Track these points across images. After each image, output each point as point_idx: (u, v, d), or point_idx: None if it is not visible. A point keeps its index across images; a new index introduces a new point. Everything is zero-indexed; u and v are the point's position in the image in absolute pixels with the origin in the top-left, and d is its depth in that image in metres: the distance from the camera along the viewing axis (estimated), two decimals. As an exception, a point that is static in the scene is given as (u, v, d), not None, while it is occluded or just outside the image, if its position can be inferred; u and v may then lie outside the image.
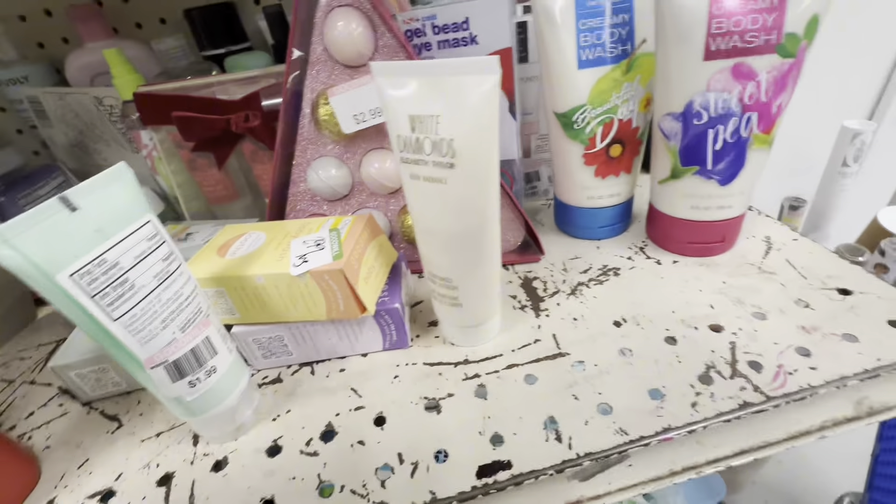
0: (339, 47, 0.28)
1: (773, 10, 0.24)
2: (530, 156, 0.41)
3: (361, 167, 0.32)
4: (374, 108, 0.29)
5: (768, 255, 0.32)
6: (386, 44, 0.29)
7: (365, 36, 0.28)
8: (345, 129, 0.30)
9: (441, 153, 0.21)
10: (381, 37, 0.29)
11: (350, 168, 0.33)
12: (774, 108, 0.27)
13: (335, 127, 0.30)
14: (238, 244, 0.28)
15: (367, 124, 0.29)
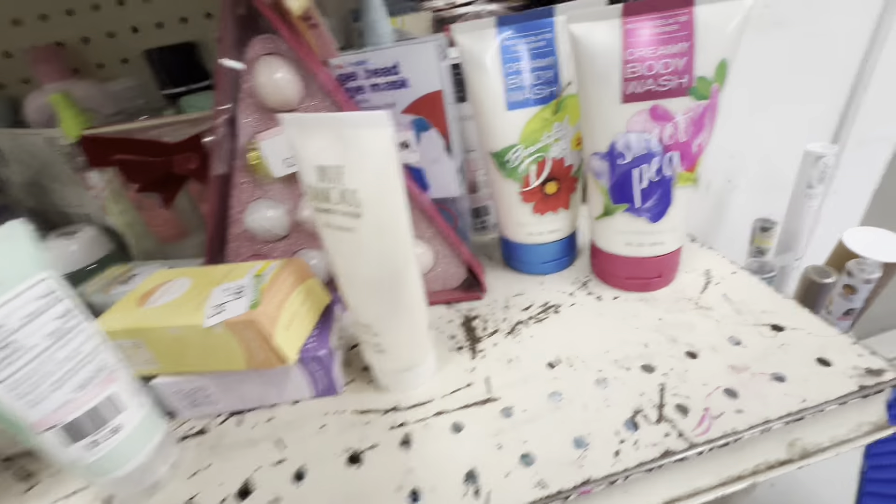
0: (267, 95, 0.28)
1: (683, 56, 0.25)
2: (477, 191, 0.41)
3: (298, 208, 0.32)
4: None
5: (706, 289, 0.32)
6: (315, 90, 0.29)
7: (292, 83, 0.28)
8: (275, 173, 0.30)
9: (348, 203, 0.21)
10: (309, 83, 0.29)
11: (287, 209, 0.33)
12: (695, 148, 0.27)
13: (266, 171, 0.30)
14: (160, 292, 0.27)
15: (297, 168, 0.29)
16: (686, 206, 0.29)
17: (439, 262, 0.34)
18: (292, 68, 0.28)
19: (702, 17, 0.24)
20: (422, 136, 0.33)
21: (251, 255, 0.35)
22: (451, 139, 0.33)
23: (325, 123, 0.20)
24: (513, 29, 0.29)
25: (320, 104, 0.30)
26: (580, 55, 0.27)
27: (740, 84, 0.86)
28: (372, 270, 0.23)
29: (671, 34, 0.25)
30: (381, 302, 0.24)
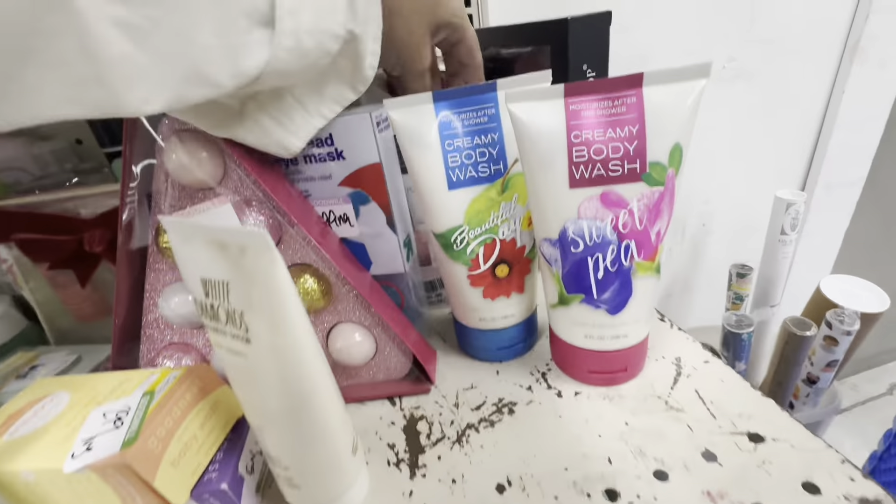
0: (181, 174, 0.25)
1: (633, 140, 0.23)
2: (430, 263, 0.37)
3: None
4: None
5: (677, 383, 0.28)
6: (234, 169, 0.26)
7: (210, 162, 0.25)
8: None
9: (236, 325, 0.17)
10: (229, 161, 0.26)
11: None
12: (653, 236, 0.24)
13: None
14: (30, 413, 0.23)
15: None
16: (649, 296, 0.26)
17: (382, 349, 0.30)
18: (208, 145, 0.25)
19: (651, 99, 0.22)
20: (361, 210, 0.30)
21: (167, 344, 0.31)
22: (394, 213, 0.30)
23: (207, 233, 0.17)
24: (451, 104, 0.26)
25: (241, 183, 0.26)
26: (522, 137, 0.24)
27: (710, 131, 0.87)
28: (271, 401, 0.19)
29: (619, 116, 0.23)
30: (286, 434, 0.20)
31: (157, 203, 0.27)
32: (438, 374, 0.32)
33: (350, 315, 0.29)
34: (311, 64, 0.20)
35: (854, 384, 1.40)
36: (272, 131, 0.23)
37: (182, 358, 0.30)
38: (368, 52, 0.23)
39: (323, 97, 0.24)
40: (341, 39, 0.21)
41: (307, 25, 0.19)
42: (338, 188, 0.29)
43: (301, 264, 0.28)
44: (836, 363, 0.73)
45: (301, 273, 0.27)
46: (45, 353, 0.36)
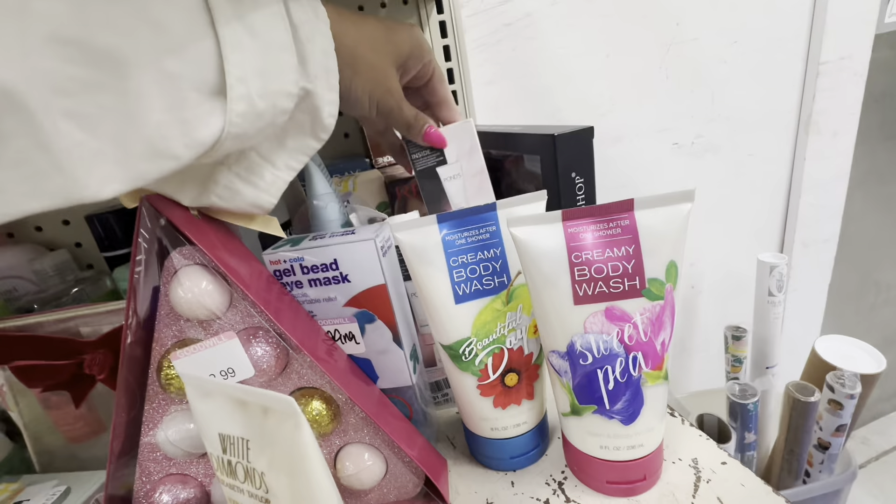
0: (186, 307, 0.25)
1: (631, 258, 0.24)
2: (435, 364, 0.37)
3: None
4: (226, 369, 0.25)
5: (698, 490, 0.28)
6: (239, 299, 0.27)
7: (215, 294, 0.26)
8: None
9: (255, 484, 0.17)
10: (235, 291, 0.27)
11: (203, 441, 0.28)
12: (658, 346, 0.25)
13: (183, 390, 0.26)
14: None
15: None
16: (661, 403, 0.26)
17: (392, 469, 0.29)
18: (213, 277, 0.26)
19: (643, 221, 0.24)
20: (367, 329, 0.30)
21: (166, 475, 0.29)
22: (400, 329, 0.30)
23: (228, 390, 0.17)
24: (453, 224, 0.28)
25: (246, 313, 0.27)
26: (525, 258, 0.25)
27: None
28: (288, 563, 0.18)
29: (615, 237, 0.24)
30: None
31: (160, 334, 0.27)
32: (451, 487, 0.31)
33: (358, 436, 0.28)
34: (267, 123, 0.21)
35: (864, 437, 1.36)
36: (243, 192, 0.24)
37: (180, 491, 0.28)
38: (325, 102, 0.23)
39: (288, 150, 0.24)
40: (295, 97, 0.21)
41: (258, 89, 0.19)
42: (343, 308, 0.30)
43: (308, 388, 0.27)
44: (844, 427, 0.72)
45: (309, 397, 0.27)
46: (29, 483, 0.33)
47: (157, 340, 0.27)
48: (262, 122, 0.21)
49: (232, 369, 0.26)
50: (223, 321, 0.26)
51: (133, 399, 0.28)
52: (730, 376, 0.85)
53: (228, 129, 0.19)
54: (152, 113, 0.17)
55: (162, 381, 0.27)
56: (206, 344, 0.25)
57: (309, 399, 0.27)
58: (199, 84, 0.18)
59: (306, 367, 0.27)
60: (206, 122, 0.19)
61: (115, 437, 0.28)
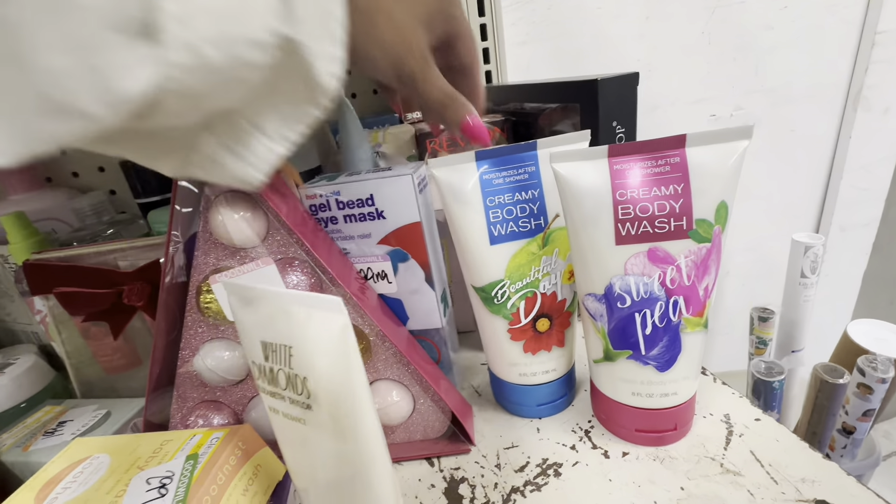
0: (225, 233, 0.26)
1: (679, 198, 0.23)
2: (463, 314, 0.37)
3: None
4: None
5: (730, 443, 0.27)
6: (278, 227, 0.27)
7: (253, 222, 0.26)
8: (230, 316, 0.26)
9: (296, 390, 0.17)
10: (273, 220, 0.27)
11: (244, 351, 0.29)
12: (701, 291, 0.24)
13: (220, 314, 0.27)
14: (70, 478, 0.22)
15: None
16: (699, 352, 0.26)
17: (419, 407, 0.29)
18: (252, 206, 0.26)
19: (695, 159, 0.23)
20: (400, 267, 0.30)
21: (201, 401, 0.30)
22: (432, 269, 0.30)
23: (271, 295, 0.17)
24: (492, 162, 0.27)
25: (283, 242, 0.27)
26: (567, 195, 0.25)
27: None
28: (327, 468, 0.18)
29: (664, 175, 0.23)
30: (338, 501, 0.19)
31: (199, 261, 0.28)
32: (476, 431, 0.31)
33: (388, 372, 0.29)
34: (232, 80, 0.17)
35: (886, 431, 1.33)
36: (229, 165, 0.19)
37: (214, 416, 0.29)
38: (320, 56, 0.18)
39: (282, 117, 0.19)
40: (271, 47, 0.16)
41: (207, 34, 0.15)
42: (377, 246, 0.29)
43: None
44: (872, 412, 0.70)
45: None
46: (72, 406, 0.35)
47: (196, 267, 0.27)
48: (221, 77, 0.16)
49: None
50: (259, 249, 0.27)
51: (172, 325, 0.29)
52: (753, 358, 0.83)
53: (167, 84, 0.15)
54: (46, 54, 0.13)
55: (201, 306, 0.27)
56: (244, 269, 0.25)
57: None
58: (117, 20, 0.13)
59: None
60: (130, 72, 0.14)
61: (154, 363, 0.29)
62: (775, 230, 0.98)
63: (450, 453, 0.29)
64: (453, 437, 0.30)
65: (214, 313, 0.27)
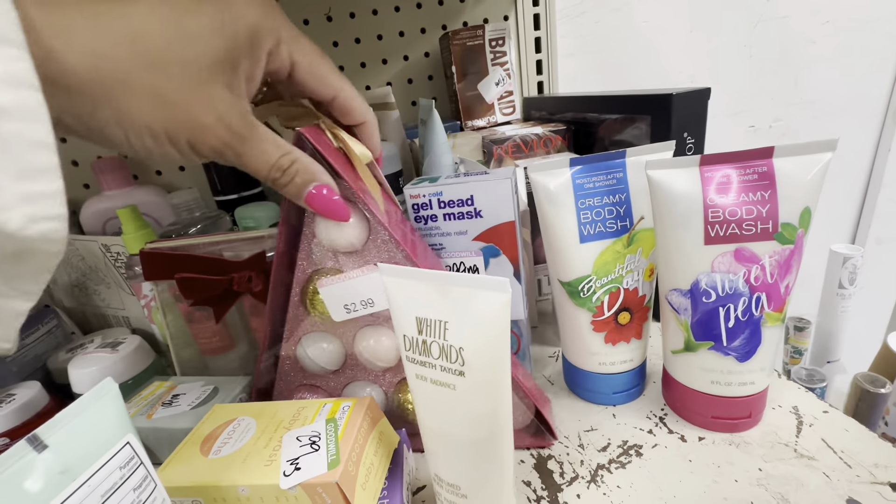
0: (328, 239, 0.28)
1: (766, 203, 0.25)
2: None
3: (355, 343, 0.31)
4: (366, 300, 0.28)
5: (801, 432, 0.29)
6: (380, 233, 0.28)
7: (356, 228, 0.27)
8: (335, 317, 0.29)
9: (450, 359, 0.20)
10: (375, 225, 0.28)
11: (343, 342, 0.31)
12: (783, 289, 0.27)
13: (325, 313, 0.30)
14: (225, 435, 0.25)
15: (357, 314, 0.29)
16: (775, 345, 0.28)
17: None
18: (356, 211, 0.27)
19: (781, 168, 0.25)
20: (491, 262, 0.33)
21: (300, 384, 0.33)
22: (521, 265, 0.33)
23: (429, 277, 0.20)
24: (584, 168, 0.30)
25: (383, 246, 0.28)
26: (659, 199, 0.27)
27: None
28: (469, 430, 0.21)
29: (751, 182, 0.26)
30: (474, 462, 0.22)
31: (302, 261, 0.30)
32: (555, 416, 0.34)
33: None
34: None
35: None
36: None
37: (312, 398, 0.32)
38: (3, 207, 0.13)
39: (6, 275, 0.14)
40: None
41: None
42: (472, 242, 0.32)
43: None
44: (912, 423, 0.70)
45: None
46: (179, 382, 0.39)
47: (300, 268, 0.30)
48: None
49: (371, 300, 0.28)
50: (360, 253, 0.29)
51: (276, 315, 0.32)
52: (787, 367, 0.84)
53: None
54: None
55: (307, 305, 0.30)
56: (351, 275, 0.28)
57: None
58: None
59: None
60: None
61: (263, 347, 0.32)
62: (811, 241, 0.98)
63: (533, 446, 0.31)
64: (536, 431, 0.32)
65: (320, 313, 0.30)
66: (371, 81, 0.61)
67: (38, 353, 0.45)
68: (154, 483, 0.19)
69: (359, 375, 0.32)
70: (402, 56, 0.61)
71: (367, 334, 0.30)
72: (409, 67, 0.61)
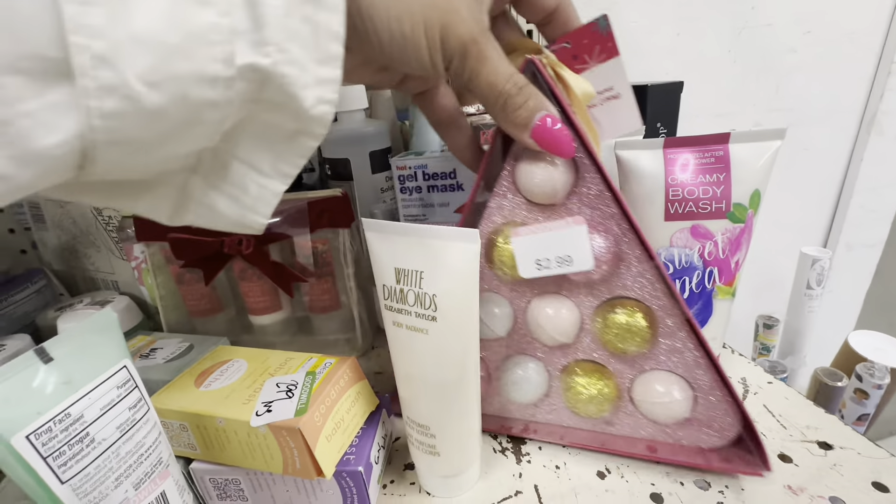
0: (533, 185, 0.24)
1: (720, 185, 0.28)
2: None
3: (529, 311, 0.28)
4: (563, 256, 0.24)
5: (745, 399, 0.32)
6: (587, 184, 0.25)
7: (565, 175, 0.24)
8: (522, 272, 0.25)
9: (424, 306, 0.22)
10: (581, 178, 0.25)
11: (513, 309, 0.28)
12: (733, 265, 0.29)
13: (510, 268, 0.26)
14: (218, 373, 0.27)
15: (549, 272, 0.25)
16: (725, 317, 0.31)
17: (701, 409, 0.26)
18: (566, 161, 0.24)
19: (736, 152, 0.28)
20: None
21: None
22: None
23: (408, 231, 0.22)
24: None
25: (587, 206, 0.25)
26: (629, 176, 0.30)
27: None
28: (440, 372, 0.23)
29: (708, 165, 0.28)
30: (443, 404, 0.24)
31: (490, 211, 0.27)
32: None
33: (668, 363, 0.26)
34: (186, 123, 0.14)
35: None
36: (224, 210, 0.17)
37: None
38: (304, 85, 0.15)
39: (277, 154, 0.17)
40: (234, 81, 0.14)
41: (142, 73, 0.12)
42: (453, 214, 0.34)
43: (631, 299, 0.26)
44: (867, 417, 0.74)
45: (632, 309, 0.25)
46: (160, 338, 0.40)
47: (488, 218, 0.27)
48: (169, 122, 0.13)
49: (570, 257, 0.24)
50: (558, 208, 0.25)
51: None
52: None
53: (90, 134, 0.12)
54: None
55: (491, 258, 0.27)
56: (552, 226, 0.24)
57: (632, 310, 0.25)
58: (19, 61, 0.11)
59: (631, 275, 0.25)
60: (41, 123, 0.12)
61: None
62: (784, 244, 1.03)
63: (731, 471, 0.26)
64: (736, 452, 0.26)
65: (502, 268, 0.26)
66: (366, 64, 0.62)
67: (26, 311, 0.46)
68: (147, 406, 0.21)
69: (523, 348, 0.29)
70: (398, 41, 0.62)
71: (545, 303, 0.27)
72: (403, 52, 0.63)
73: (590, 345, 0.27)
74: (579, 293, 0.27)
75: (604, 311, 0.26)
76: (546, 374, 0.29)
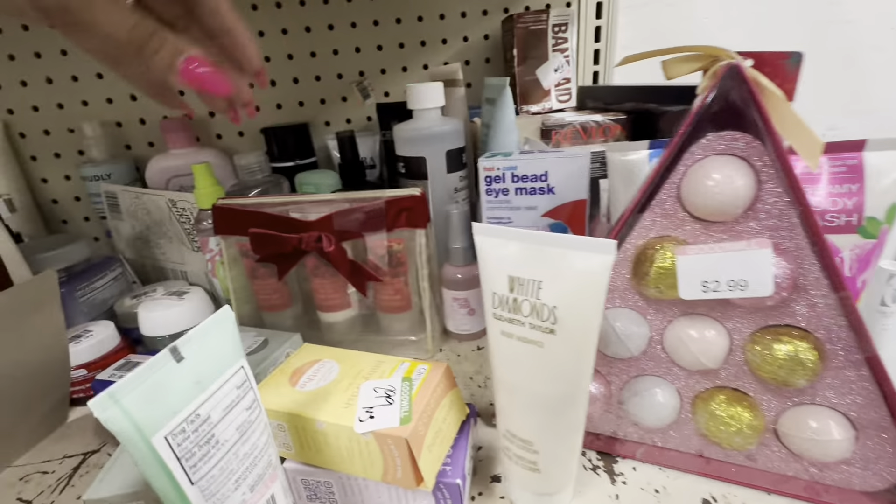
0: (702, 200, 0.23)
1: (853, 196, 0.25)
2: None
3: (671, 330, 0.26)
4: (738, 280, 0.22)
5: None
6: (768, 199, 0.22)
7: (744, 191, 0.22)
8: (684, 293, 0.23)
9: (541, 317, 0.21)
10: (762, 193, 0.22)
11: (650, 329, 0.27)
12: (859, 283, 0.27)
13: (667, 287, 0.24)
14: (311, 373, 0.27)
15: (716, 295, 0.23)
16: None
17: (864, 451, 0.23)
18: (749, 173, 0.22)
19: (872, 161, 0.25)
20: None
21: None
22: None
23: (526, 237, 0.21)
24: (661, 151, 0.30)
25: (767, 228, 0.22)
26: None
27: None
28: (551, 387, 0.22)
29: (839, 175, 0.26)
30: (552, 419, 0.23)
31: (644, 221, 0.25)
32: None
33: (832, 398, 0.24)
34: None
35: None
36: None
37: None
38: None
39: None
40: None
41: None
42: (540, 218, 0.33)
43: (798, 328, 0.23)
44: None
45: (799, 339, 0.23)
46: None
47: (643, 226, 0.25)
48: None
49: (745, 281, 0.22)
50: (730, 225, 0.23)
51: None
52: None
53: None
54: None
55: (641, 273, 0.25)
56: (728, 247, 0.22)
57: (799, 341, 0.23)
58: None
59: (807, 304, 0.23)
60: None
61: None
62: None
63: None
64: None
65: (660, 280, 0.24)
66: (429, 60, 0.61)
67: (104, 298, 0.48)
68: (260, 407, 0.21)
69: (652, 370, 0.27)
70: (462, 37, 0.61)
71: (688, 324, 0.25)
72: (467, 49, 0.62)
73: (736, 372, 0.25)
74: (733, 316, 0.24)
75: (763, 339, 0.24)
76: (677, 397, 0.27)
